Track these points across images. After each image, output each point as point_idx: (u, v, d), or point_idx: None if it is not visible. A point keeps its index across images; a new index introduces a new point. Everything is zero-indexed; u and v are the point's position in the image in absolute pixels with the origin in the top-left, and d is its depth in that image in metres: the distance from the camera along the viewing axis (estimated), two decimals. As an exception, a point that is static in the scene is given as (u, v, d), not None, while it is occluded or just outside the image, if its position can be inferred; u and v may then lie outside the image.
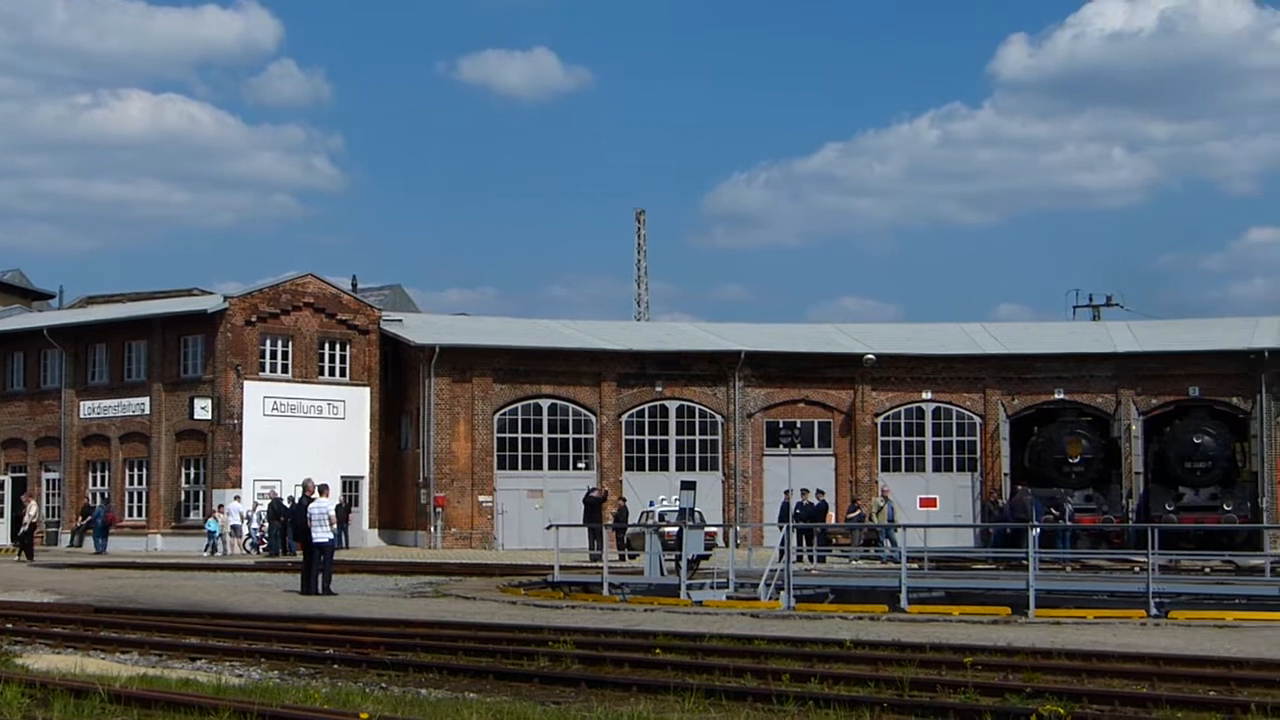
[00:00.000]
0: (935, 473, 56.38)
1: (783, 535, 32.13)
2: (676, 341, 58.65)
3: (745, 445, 55.68)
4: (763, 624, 25.51)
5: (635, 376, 55.35)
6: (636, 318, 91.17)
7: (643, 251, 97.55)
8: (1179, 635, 23.84)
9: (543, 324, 61.85)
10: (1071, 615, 27.33)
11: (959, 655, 19.33)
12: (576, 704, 15.89)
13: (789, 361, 56.58)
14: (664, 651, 20.00)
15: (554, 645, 20.53)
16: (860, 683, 17.31)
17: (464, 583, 34.81)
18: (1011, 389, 56.37)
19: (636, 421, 55.40)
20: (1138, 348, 56.61)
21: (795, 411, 56.12)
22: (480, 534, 53.23)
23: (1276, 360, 53.48)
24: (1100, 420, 55.40)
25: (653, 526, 37.04)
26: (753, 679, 17.58)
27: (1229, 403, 54.43)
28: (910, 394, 56.58)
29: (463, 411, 53.41)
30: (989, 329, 61.92)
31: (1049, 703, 15.09)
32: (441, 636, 22.34)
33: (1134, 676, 17.85)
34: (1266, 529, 49.26)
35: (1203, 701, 15.87)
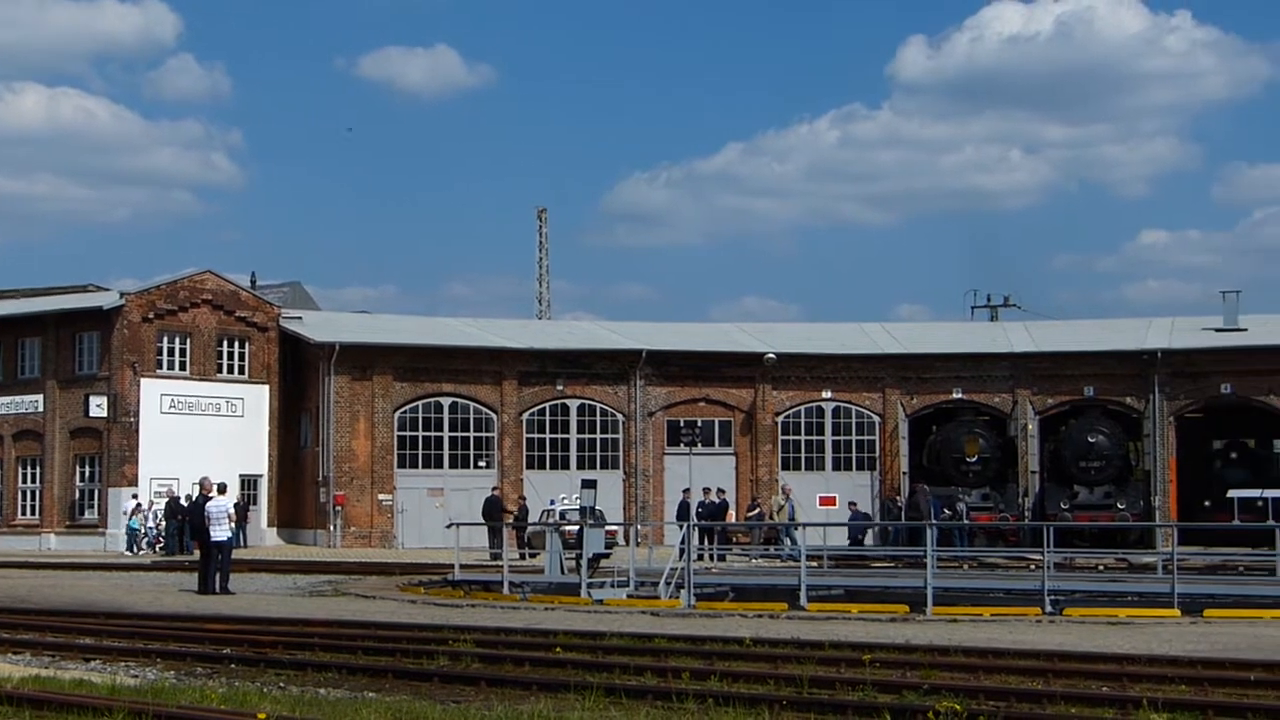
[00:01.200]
0: (835, 471, 56.71)
1: (683, 534, 32.21)
2: (578, 340, 58.62)
3: (646, 444, 55.75)
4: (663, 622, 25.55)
5: (536, 375, 55.25)
6: (538, 316, 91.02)
7: (544, 250, 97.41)
8: (1073, 632, 24.14)
9: (444, 322, 61.61)
10: (968, 613, 27.59)
11: (858, 653, 19.46)
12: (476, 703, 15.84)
13: (690, 360, 56.71)
14: (564, 650, 19.99)
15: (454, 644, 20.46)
16: (760, 681, 17.39)
17: (363, 581, 34.61)
18: (910, 388, 56.82)
19: (537, 420, 55.31)
20: (1034, 348, 57.26)
21: (696, 410, 56.26)
22: (380, 533, 52.93)
23: (1169, 361, 54.28)
24: (997, 419, 55.97)
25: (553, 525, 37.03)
26: (653, 677, 17.60)
27: (1123, 402, 55.17)
28: (810, 393, 56.88)
29: (363, 410, 53.08)
30: (888, 329, 62.40)
31: (946, 699, 15.22)
32: (341, 636, 22.20)
33: (1029, 673, 18.05)
34: (1159, 527, 49.94)
35: (1096, 697, 16.08)
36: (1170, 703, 15.31)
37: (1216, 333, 56.24)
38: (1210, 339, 55.89)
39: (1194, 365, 54.67)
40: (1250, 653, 20.24)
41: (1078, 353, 56.05)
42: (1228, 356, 54.49)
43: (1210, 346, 55.20)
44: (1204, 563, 39.29)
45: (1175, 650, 20.54)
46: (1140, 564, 40.57)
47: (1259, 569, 36.88)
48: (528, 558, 41.21)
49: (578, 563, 32.32)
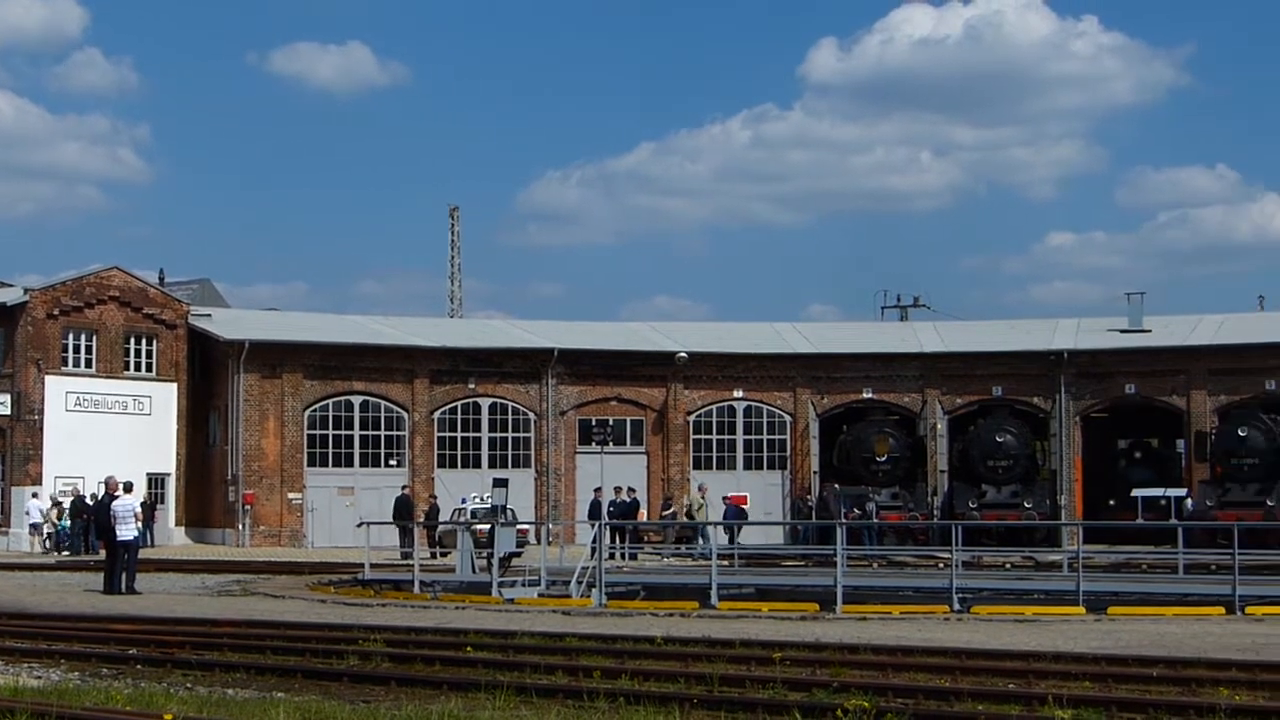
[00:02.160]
0: (746, 470, 56.92)
1: (595, 532, 32.25)
2: (490, 339, 58.48)
3: (558, 442, 55.72)
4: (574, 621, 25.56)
5: (448, 373, 55.07)
6: (450, 314, 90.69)
7: (456, 248, 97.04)
8: (981, 630, 24.37)
9: (354, 320, 61.29)
10: (878, 611, 27.79)
11: (768, 651, 19.56)
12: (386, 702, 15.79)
13: (602, 359, 56.73)
14: (475, 649, 19.95)
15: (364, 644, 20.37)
16: (671, 679, 17.43)
17: (273, 581, 34.36)
18: (821, 388, 57.13)
19: (449, 418, 55.14)
20: (943, 348, 57.75)
21: (608, 409, 56.31)
22: (290, 532, 52.57)
23: (1075, 361, 54.91)
24: (907, 419, 56.40)
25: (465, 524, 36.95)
26: (564, 676, 17.61)
27: (1030, 402, 55.75)
28: (722, 392, 57.06)
29: (272, 408, 52.69)
30: (799, 328, 62.71)
31: (855, 697, 15.33)
32: (249, 635, 22.04)
33: (937, 670, 18.21)
34: (1065, 526, 50.52)
35: (1003, 694, 16.25)
36: (1075, 699, 15.50)
37: (1121, 334, 56.96)
38: (1115, 340, 56.59)
39: (1099, 366, 55.34)
40: (1153, 649, 20.52)
41: (986, 353, 56.58)
42: (1132, 357, 55.20)
43: (1115, 347, 55.89)
44: (1108, 561, 39.78)
45: (1080, 647, 20.79)
46: (1046, 562, 40.99)
47: (1162, 567, 37.40)
48: (439, 557, 41.07)
49: (489, 562, 32.28)
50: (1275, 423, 50.51)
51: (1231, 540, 30.42)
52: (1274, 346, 52.94)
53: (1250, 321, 59.96)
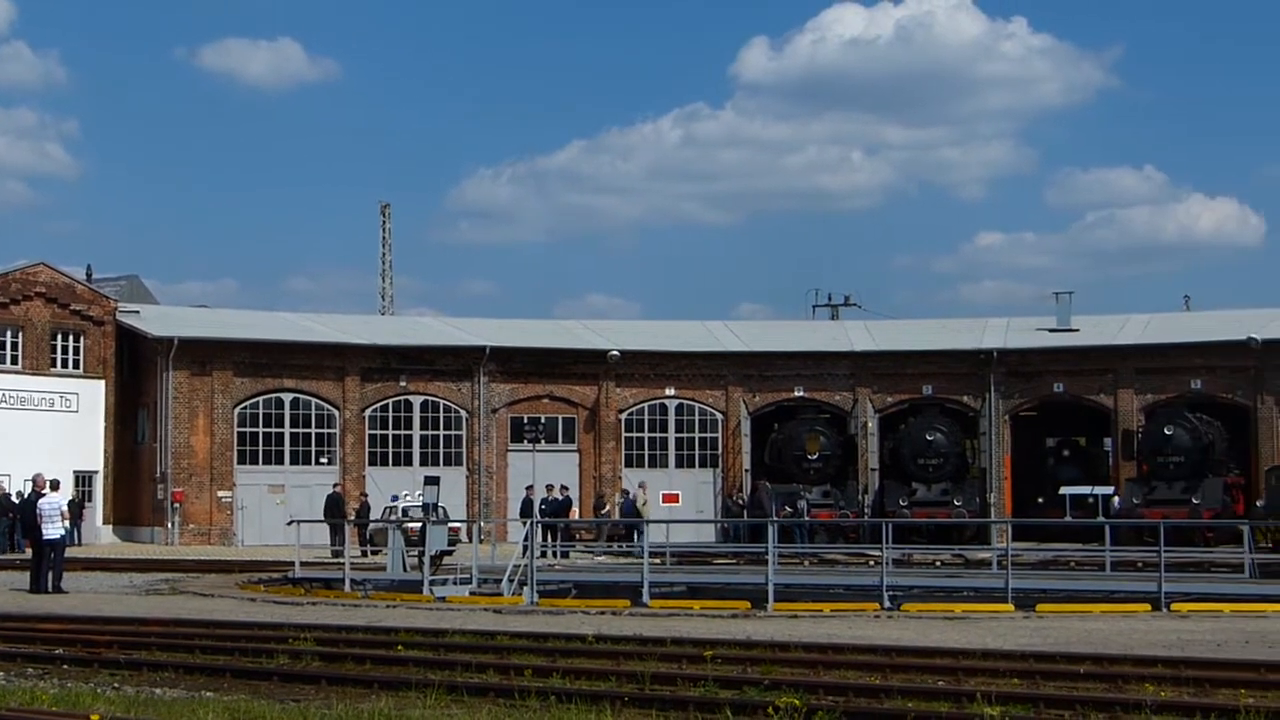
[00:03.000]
0: (678, 469, 57.01)
1: (526, 530, 32.23)
2: (421, 336, 58.29)
3: (490, 440, 55.62)
4: (506, 619, 25.54)
5: (379, 371, 54.86)
6: (381, 312, 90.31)
7: (388, 245, 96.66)
8: (911, 627, 24.52)
9: (285, 317, 60.93)
10: (809, 609, 27.89)
11: (699, 649, 19.60)
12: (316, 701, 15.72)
13: (534, 357, 56.67)
14: (406, 648, 19.90)
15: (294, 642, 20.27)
16: (602, 678, 17.44)
17: (202, 580, 34.14)
18: (753, 386, 57.30)
19: (380, 416, 54.92)
20: (874, 347, 58.03)
21: (540, 407, 56.25)
22: (219, 530, 52.22)
23: (1004, 360, 55.32)
24: (838, 417, 56.64)
25: (396, 522, 36.83)
26: (495, 675, 17.59)
27: (960, 401, 56.12)
28: (654, 390, 57.13)
29: (202, 405, 52.33)
30: (731, 327, 62.86)
31: (786, 695, 15.39)
32: (177, 635, 21.89)
33: (868, 668, 18.30)
34: (994, 523, 50.91)
35: (932, 691, 16.36)
36: (1003, 696, 15.62)
37: (1050, 333, 57.43)
38: (1044, 339, 57.06)
39: (1028, 365, 55.77)
40: (1080, 646, 20.70)
41: (916, 352, 56.92)
42: (1060, 356, 55.68)
43: (1044, 346, 56.35)
44: (1037, 558, 40.10)
45: (1009, 644, 20.96)
46: (976, 560, 41.30)
47: (1090, 564, 37.78)
48: (370, 555, 40.92)
49: (420, 560, 32.20)
50: (1201, 421, 51.07)
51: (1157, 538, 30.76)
52: (1199, 346, 53.53)
53: (1176, 321, 60.60)
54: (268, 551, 45.67)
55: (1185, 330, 56.43)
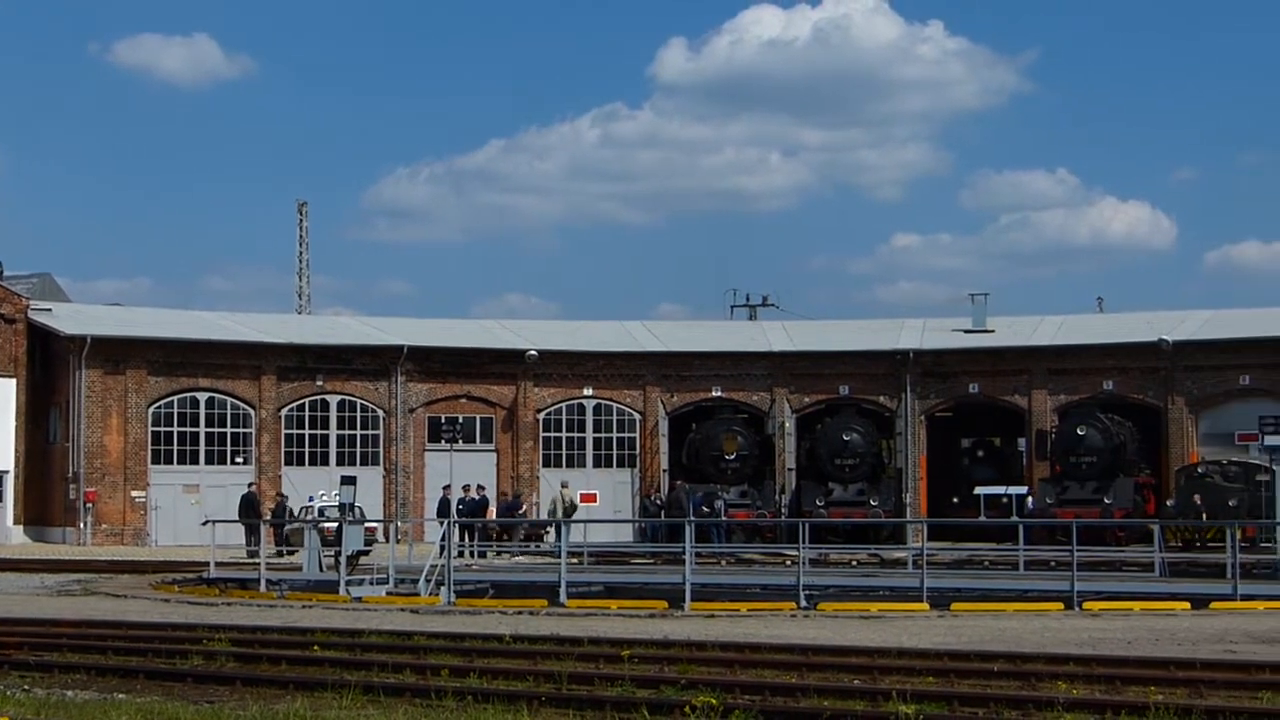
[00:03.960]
0: (595, 468, 57.00)
1: (443, 530, 32.16)
2: (338, 335, 57.95)
3: (407, 440, 55.40)
4: (422, 620, 25.48)
5: (296, 370, 54.49)
6: (298, 311, 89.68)
7: (305, 244, 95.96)
8: (827, 626, 24.67)
9: (200, 316, 60.40)
10: (726, 608, 28.01)
11: (616, 649, 19.63)
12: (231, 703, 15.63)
13: (452, 357, 56.48)
14: (322, 648, 19.82)
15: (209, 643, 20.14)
16: (519, 677, 17.44)
17: (115, 580, 33.82)
18: (671, 386, 57.38)
19: (297, 416, 54.55)
20: (791, 347, 58.26)
21: (458, 407, 56.07)
22: (133, 530, 51.69)
23: (920, 361, 55.68)
24: (756, 417, 56.81)
25: (312, 522, 36.64)
26: (412, 675, 17.55)
27: (876, 401, 56.43)
28: (572, 390, 57.10)
29: (115, 404, 51.77)
30: (649, 327, 62.91)
31: (703, 694, 15.45)
32: (90, 636, 21.68)
33: (784, 667, 18.39)
34: (909, 523, 51.26)
35: (848, 690, 16.47)
36: (918, 694, 15.76)
37: (965, 334, 57.87)
38: (959, 340, 57.48)
39: (944, 365, 56.18)
40: (994, 644, 20.91)
41: (833, 352, 57.18)
42: (975, 357, 56.10)
43: (959, 347, 56.76)
44: (952, 558, 40.42)
45: (924, 643, 21.13)
46: (892, 559, 41.59)
47: (1003, 564, 38.13)
48: (286, 555, 40.67)
49: (336, 560, 32.06)
50: (1113, 422, 51.62)
51: (1070, 537, 31.11)
52: (1112, 347, 54.11)
53: (1089, 322, 61.27)
54: (182, 552, 45.27)
55: (1098, 332, 57.03)
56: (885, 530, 53.10)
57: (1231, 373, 52.11)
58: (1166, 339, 52.03)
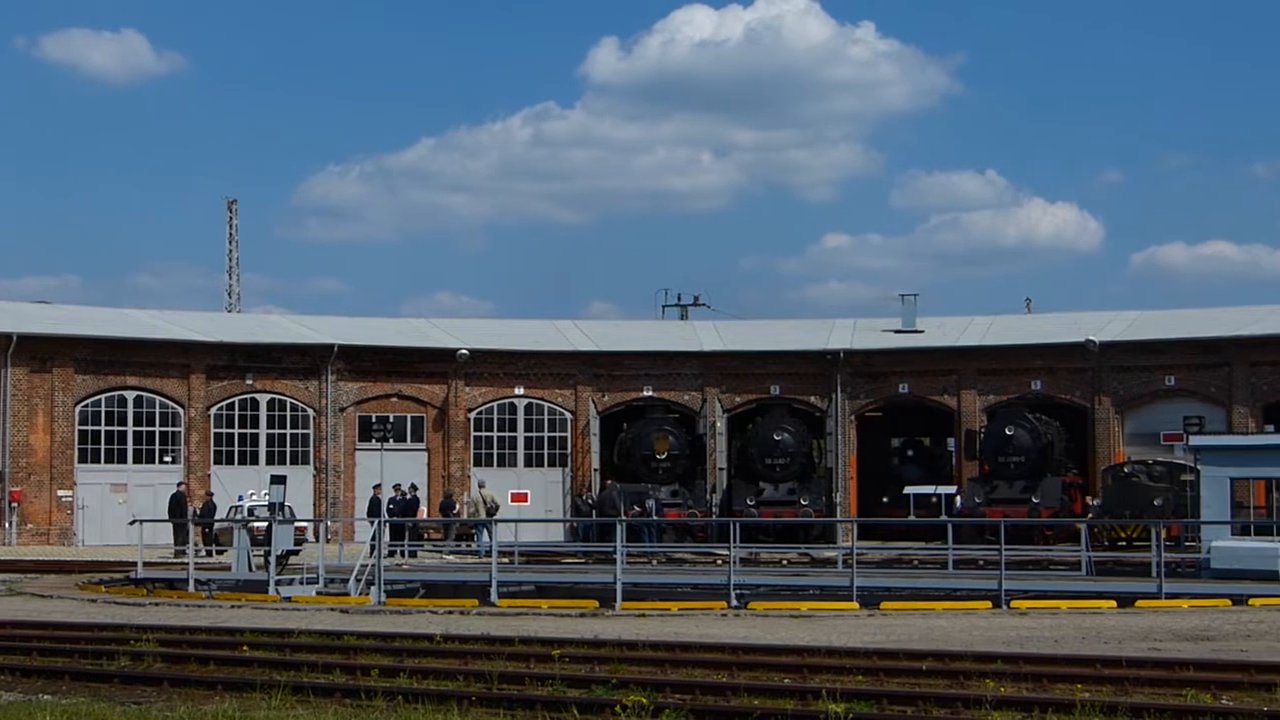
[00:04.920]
0: (527, 468, 56.94)
1: (374, 530, 32.05)
2: (268, 334, 57.61)
3: (337, 439, 55.15)
4: (353, 620, 25.38)
5: (225, 369, 54.13)
6: (228, 309, 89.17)
7: (235, 242, 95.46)
8: (757, 625, 24.74)
9: (128, 313, 59.88)
10: (657, 608, 28.05)
11: (547, 648, 19.63)
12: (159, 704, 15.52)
13: (383, 356, 56.28)
14: (251, 648, 19.71)
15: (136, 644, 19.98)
16: (449, 677, 17.40)
17: (40, 580, 33.48)
18: (602, 386, 57.39)
19: (226, 414, 54.19)
20: (722, 347, 58.39)
21: (388, 406, 55.87)
22: (59, 530, 51.18)
23: (850, 361, 55.94)
24: (687, 417, 56.91)
25: (241, 521, 36.44)
26: (341, 675, 17.48)
27: (807, 401, 56.64)
28: (503, 389, 57.00)
29: (41, 403, 51.26)
30: (581, 326, 62.89)
31: (633, 693, 15.48)
32: (14, 636, 21.47)
33: (714, 666, 18.44)
34: (839, 522, 51.48)
35: (778, 689, 16.54)
36: (848, 693, 15.84)
37: (895, 334, 58.18)
38: (889, 340, 57.78)
39: (874, 365, 56.45)
40: (923, 643, 21.04)
41: (764, 352, 57.36)
42: (905, 357, 56.41)
43: (889, 348, 57.05)
44: (882, 557, 40.62)
45: (854, 642, 21.24)
46: (822, 559, 41.76)
47: (932, 563, 38.37)
48: (215, 555, 40.41)
49: (266, 559, 31.90)
50: (1040, 422, 52.03)
51: (998, 536, 31.34)
52: (1040, 348, 54.54)
53: (1018, 323, 61.72)
54: (109, 552, 44.89)
55: (1026, 332, 57.48)
56: (816, 529, 53.31)
57: (1157, 373, 52.67)
58: (1094, 340, 52.50)
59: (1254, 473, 36.12)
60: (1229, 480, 35.23)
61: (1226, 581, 31.15)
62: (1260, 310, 55.64)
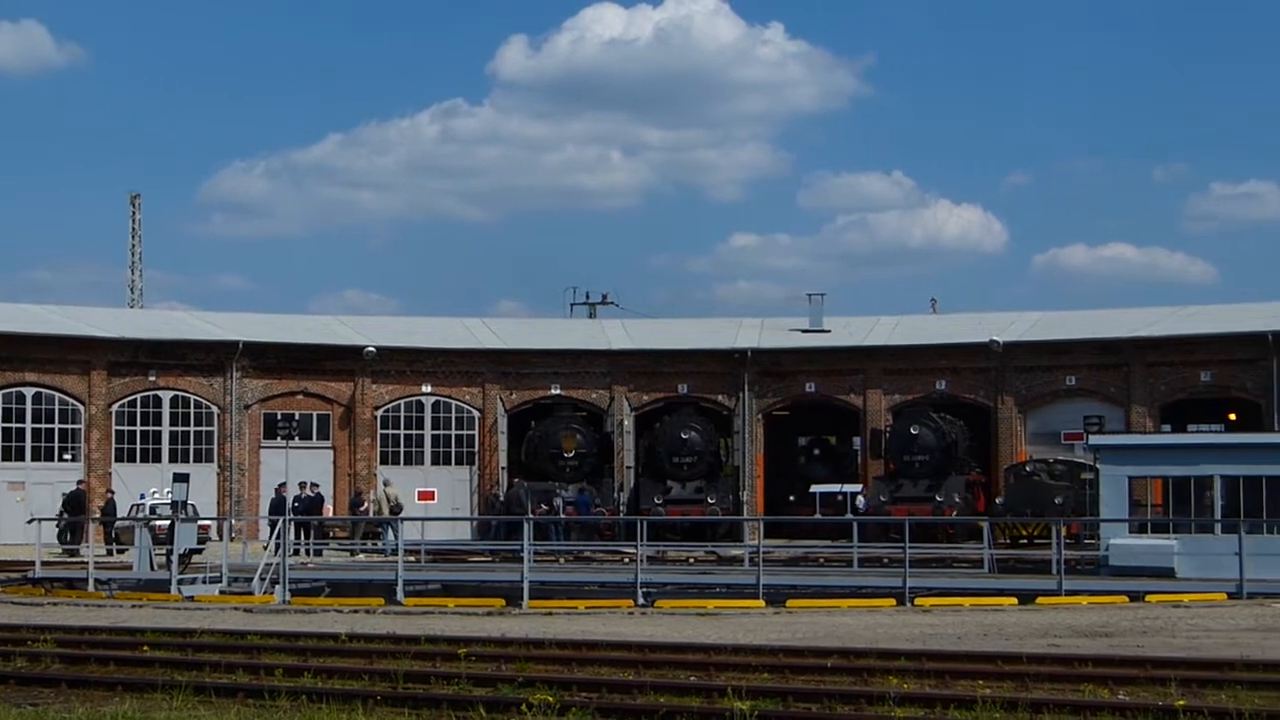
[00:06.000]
0: (434, 466, 56.72)
1: (278, 528, 31.83)
2: (172, 330, 57.03)
3: (242, 437, 54.69)
4: (256, 619, 25.20)
5: (128, 365, 53.51)
6: (130, 305, 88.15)
7: (138, 237, 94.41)
8: (664, 624, 24.80)
9: (26, 309, 59.03)
10: (564, 606, 28.07)
11: (453, 647, 19.59)
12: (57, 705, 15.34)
13: (289, 353, 55.85)
14: (152, 648, 19.52)
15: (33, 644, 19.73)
16: (355, 677, 17.32)
17: (-64, 580, 32.98)
18: (510, 384, 57.26)
19: (128, 412, 53.58)
20: (631, 345, 58.44)
21: (294, 403, 55.44)
22: (-45, 529, 50.43)
23: (758, 360, 56.16)
24: (595, 415, 56.92)
25: (143, 520, 36.08)
26: (245, 675, 17.35)
27: (714, 400, 56.80)
28: (410, 387, 56.74)
29: (-62, 399, 50.49)
30: (489, 324, 62.74)
31: (540, 691, 15.47)
32: (-91, 638, 21.12)
33: (621, 664, 18.47)
34: (746, 521, 51.68)
35: (684, 686, 16.58)
36: (754, 691, 15.91)
37: (802, 333, 58.46)
38: (796, 339, 58.06)
39: (781, 365, 56.71)
40: (828, 640, 21.18)
41: (672, 351, 57.46)
42: (812, 357, 56.69)
43: (796, 347, 57.32)
44: (788, 555, 40.85)
45: (759, 640, 21.34)
46: (728, 557, 41.93)
47: (838, 561, 38.60)
48: (116, 554, 39.96)
49: (168, 558, 31.59)
50: (945, 421, 52.49)
51: (903, 534, 31.60)
52: (944, 348, 55.00)
53: (923, 323, 62.24)
54: (7, 551, 44.25)
55: (931, 332, 57.94)
56: (723, 528, 53.47)
57: (1058, 373, 53.27)
58: (997, 340, 53.02)
59: (1151, 471, 36.66)
60: (1127, 479, 35.78)
61: (1124, 578, 31.61)
62: (1159, 312, 56.43)
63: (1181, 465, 35.17)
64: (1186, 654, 19.62)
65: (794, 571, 35.72)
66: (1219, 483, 34.18)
